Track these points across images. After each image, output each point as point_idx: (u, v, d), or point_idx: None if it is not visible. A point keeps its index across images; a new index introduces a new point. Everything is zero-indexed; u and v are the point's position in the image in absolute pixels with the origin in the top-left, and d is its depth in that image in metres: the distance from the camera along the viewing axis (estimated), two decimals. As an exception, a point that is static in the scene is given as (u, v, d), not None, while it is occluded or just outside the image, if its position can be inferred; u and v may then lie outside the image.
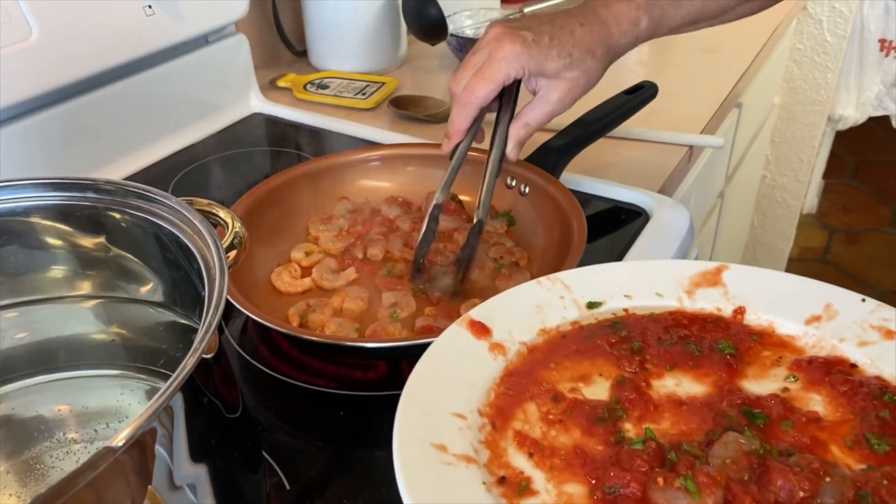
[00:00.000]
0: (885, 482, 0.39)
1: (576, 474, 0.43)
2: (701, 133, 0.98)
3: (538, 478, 0.43)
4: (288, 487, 0.52)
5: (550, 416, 0.47)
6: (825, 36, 1.78)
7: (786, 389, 0.48)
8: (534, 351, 0.52)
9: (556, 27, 0.66)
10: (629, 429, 0.46)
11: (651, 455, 0.42)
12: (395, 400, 0.45)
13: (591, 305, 0.55)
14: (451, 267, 0.69)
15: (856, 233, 2.57)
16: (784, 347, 0.51)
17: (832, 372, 0.48)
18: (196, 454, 0.39)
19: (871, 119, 2.11)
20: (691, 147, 0.94)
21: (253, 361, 0.63)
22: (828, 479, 0.40)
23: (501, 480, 0.43)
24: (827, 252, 2.50)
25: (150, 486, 0.36)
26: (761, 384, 0.48)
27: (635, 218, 0.79)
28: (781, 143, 1.94)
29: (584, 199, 0.80)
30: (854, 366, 0.49)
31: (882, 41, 1.98)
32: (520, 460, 0.44)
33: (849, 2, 1.75)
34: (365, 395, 0.60)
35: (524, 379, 0.50)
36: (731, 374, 0.49)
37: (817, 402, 0.47)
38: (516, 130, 0.68)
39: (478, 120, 0.69)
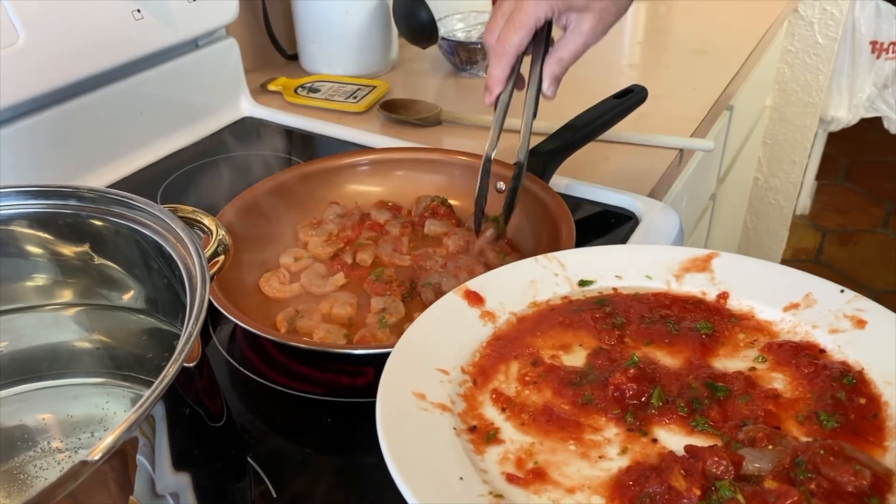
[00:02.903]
0: (822, 452, 0.41)
1: (540, 429, 0.47)
2: (692, 135, 0.98)
3: (506, 429, 0.47)
4: (275, 495, 0.52)
5: (527, 378, 0.51)
6: (816, 38, 1.79)
7: (753, 369, 0.50)
8: (522, 320, 0.56)
9: None
10: (597, 394, 0.49)
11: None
12: (380, 407, 0.45)
13: (582, 283, 0.59)
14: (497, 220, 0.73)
15: (849, 234, 2.58)
16: (760, 331, 0.54)
17: (800, 355, 0.50)
18: (179, 463, 0.39)
19: (863, 120, 2.12)
20: (682, 150, 0.94)
21: (241, 368, 0.63)
22: (770, 447, 0.43)
23: (472, 429, 0.47)
24: (820, 253, 2.51)
25: (131, 496, 0.36)
26: (731, 363, 0.51)
27: (625, 222, 0.79)
28: (773, 144, 1.94)
29: (574, 202, 0.80)
30: (823, 351, 0.51)
31: (874, 43, 1.99)
32: (492, 413, 0.48)
33: (840, 4, 1.75)
34: (353, 402, 0.60)
35: (510, 343, 0.54)
36: (703, 352, 0.52)
37: (779, 381, 0.49)
38: (551, 67, 0.68)
39: (516, 68, 0.68)
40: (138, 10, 0.86)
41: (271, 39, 1.18)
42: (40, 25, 0.78)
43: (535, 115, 0.70)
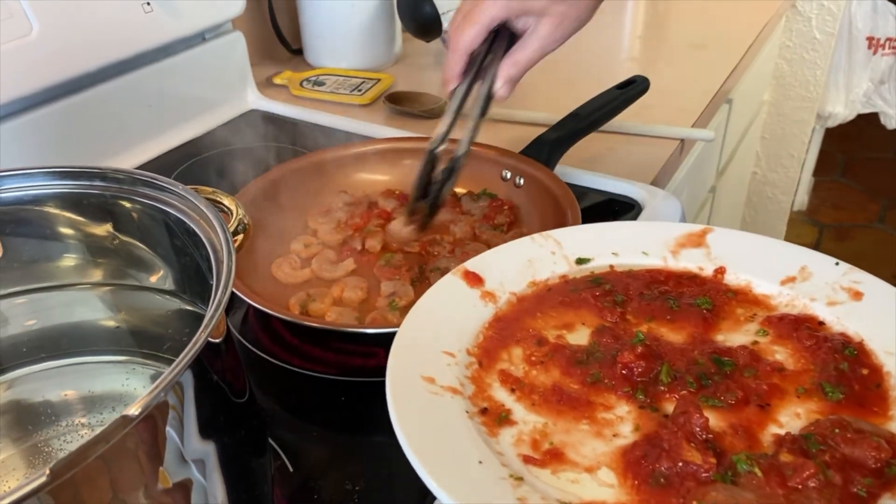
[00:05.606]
0: (837, 431, 0.41)
1: (552, 409, 0.47)
2: (692, 127, 0.99)
3: (518, 410, 0.47)
4: (291, 470, 0.53)
5: (533, 358, 0.51)
6: (814, 33, 1.81)
7: (755, 342, 0.51)
8: (522, 300, 0.56)
9: None
10: (605, 372, 0.49)
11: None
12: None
13: (580, 261, 0.59)
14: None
15: (846, 229, 2.60)
16: (758, 305, 0.54)
17: (800, 328, 0.51)
18: (204, 434, 0.40)
19: (860, 116, 2.14)
20: (683, 141, 0.96)
21: (254, 350, 0.64)
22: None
23: (483, 411, 0.47)
24: (817, 248, 2.52)
25: (161, 468, 0.37)
26: (733, 337, 0.51)
27: (628, 210, 0.80)
28: (771, 139, 1.96)
29: (578, 191, 0.81)
30: (822, 323, 0.52)
31: (870, 38, 2.01)
32: (502, 395, 0.48)
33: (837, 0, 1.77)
34: (365, 382, 0.61)
35: (512, 324, 0.54)
36: (705, 328, 0.52)
37: (782, 355, 0.50)
38: (506, 68, 0.67)
39: (472, 64, 0.67)
40: (148, 3, 0.88)
41: (277, 34, 1.19)
42: (53, 17, 0.79)
43: (483, 115, 0.67)
